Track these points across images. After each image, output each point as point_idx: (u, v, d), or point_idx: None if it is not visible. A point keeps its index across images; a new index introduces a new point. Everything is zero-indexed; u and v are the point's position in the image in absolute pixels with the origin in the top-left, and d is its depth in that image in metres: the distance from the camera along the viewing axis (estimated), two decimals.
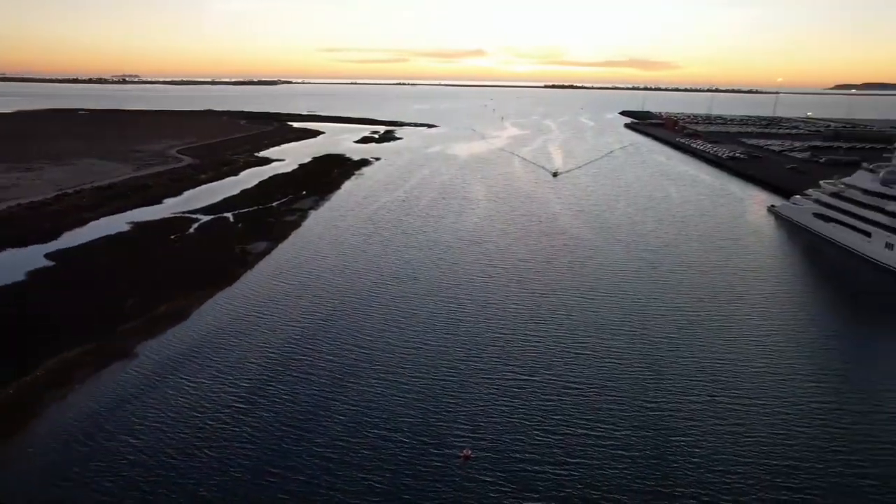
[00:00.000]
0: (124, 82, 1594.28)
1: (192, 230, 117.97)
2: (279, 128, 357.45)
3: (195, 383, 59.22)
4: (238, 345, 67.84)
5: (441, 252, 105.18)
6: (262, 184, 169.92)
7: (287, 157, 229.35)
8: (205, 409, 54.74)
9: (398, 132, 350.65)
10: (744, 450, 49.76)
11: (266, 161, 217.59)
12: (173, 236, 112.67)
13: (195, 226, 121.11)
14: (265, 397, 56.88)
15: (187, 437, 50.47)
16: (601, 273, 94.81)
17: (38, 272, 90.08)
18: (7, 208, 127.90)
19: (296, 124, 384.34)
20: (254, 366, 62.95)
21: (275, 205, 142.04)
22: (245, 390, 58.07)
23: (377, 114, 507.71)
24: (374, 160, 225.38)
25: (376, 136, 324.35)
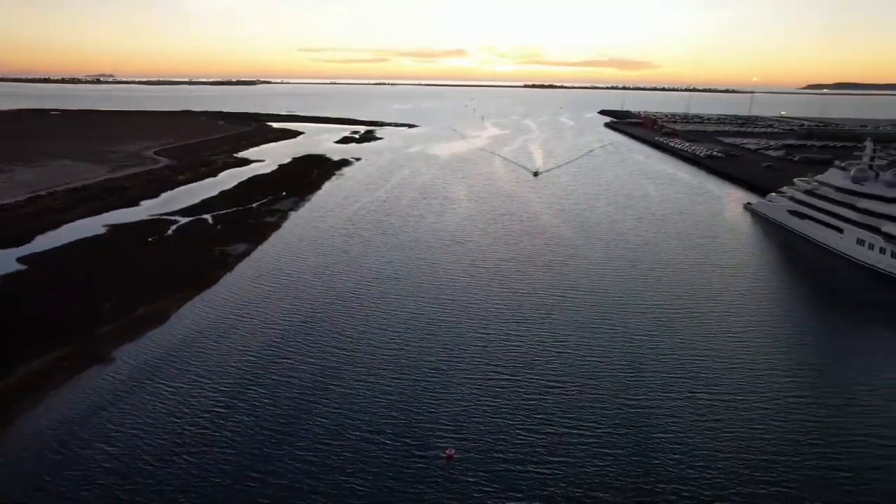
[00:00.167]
0: (98, 82, 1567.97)
1: (170, 232, 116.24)
2: (258, 128, 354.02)
3: (174, 388, 58.31)
4: (218, 348, 66.96)
5: (422, 252, 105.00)
6: (242, 185, 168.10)
7: (266, 157, 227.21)
8: (183, 414, 53.91)
9: (379, 132, 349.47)
10: (723, 445, 50.42)
11: (245, 162, 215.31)
12: (151, 238, 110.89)
13: (173, 228, 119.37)
14: (245, 401, 56.20)
15: (165, 443, 49.64)
16: (582, 272, 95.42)
17: (11, 276, 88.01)
18: None
19: (275, 125, 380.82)
20: (234, 369, 62.18)
21: (254, 206, 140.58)
22: (225, 394, 57.32)
23: (358, 114, 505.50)
24: (355, 160, 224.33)
25: (357, 136, 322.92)
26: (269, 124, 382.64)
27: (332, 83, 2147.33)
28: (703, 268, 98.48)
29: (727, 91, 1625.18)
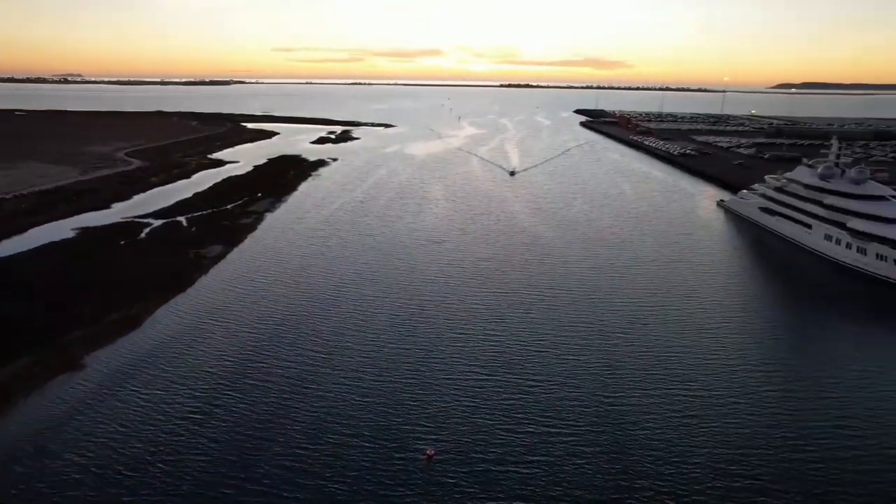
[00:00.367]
0: (66, 82, 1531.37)
1: (143, 235, 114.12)
2: (233, 129, 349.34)
3: (148, 394, 57.23)
4: (193, 352, 65.92)
5: (400, 253, 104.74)
6: (216, 186, 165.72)
7: (241, 158, 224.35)
8: (158, 420, 52.94)
9: (355, 132, 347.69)
10: (698, 439, 51.24)
11: (219, 163, 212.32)
12: (123, 242, 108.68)
13: (146, 230, 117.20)
14: (221, 406, 55.41)
15: (139, 451, 48.64)
16: (559, 270, 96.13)
17: None
18: None
19: (250, 125, 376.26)
20: (210, 374, 61.27)
21: (229, 207, 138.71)
22: (200, 400, 56.44)
23: (334, 114, 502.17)
24: (331, 161, 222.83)
25: (333, 136, 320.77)
26: (244, 125, 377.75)
27: (307, 83, 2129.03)
28: (678, 265, 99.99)
29: (700, 90, 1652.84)
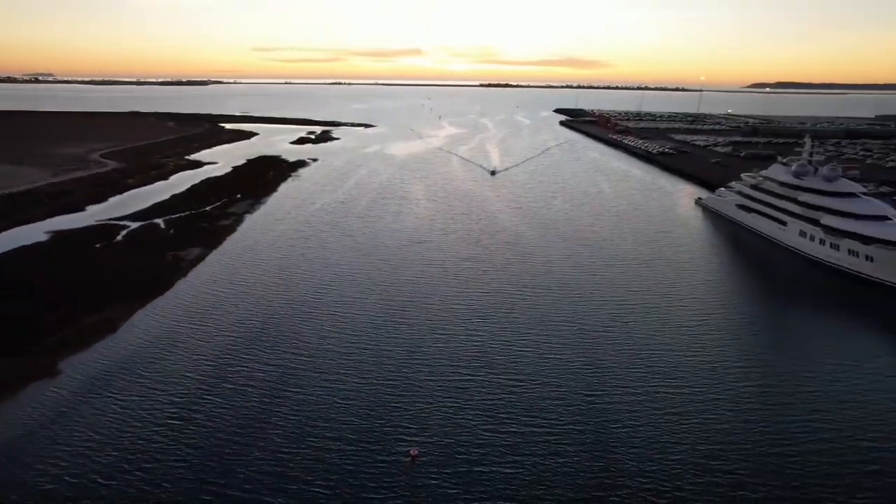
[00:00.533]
0: (37, 81, 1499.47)
1: (119, 238, 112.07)
2: (211, 129, 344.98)
3: (125, 400, 56.18)
4: (172, 357, 64.89)
5: (381, 253, 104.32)
6: (195, 188, 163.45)
7: (220, 159, 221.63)
8: (135, 427, 51.97)
9: (335, 132, 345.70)
10: (679, 436, 51.79)
11: (198, 164, 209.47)
12: (99, 245, 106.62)
13: (123, 233, 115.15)
14: (201, 412, 54.61)
15: (116, 459, 47.69)
16: (540, 269, 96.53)
17: None
18: None
19: (228, 125, 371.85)
20: (189, 379, 60.35)
21: (208, 209, 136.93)
22: (179, 405, 55.57)
23: (313, 114, 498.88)
24: (311, 161, 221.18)
25: (313, 136, 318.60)
26: (222, 125, 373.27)
27: (286, 83, 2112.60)
28: (658, 263, 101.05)
29: (677, 90, 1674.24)
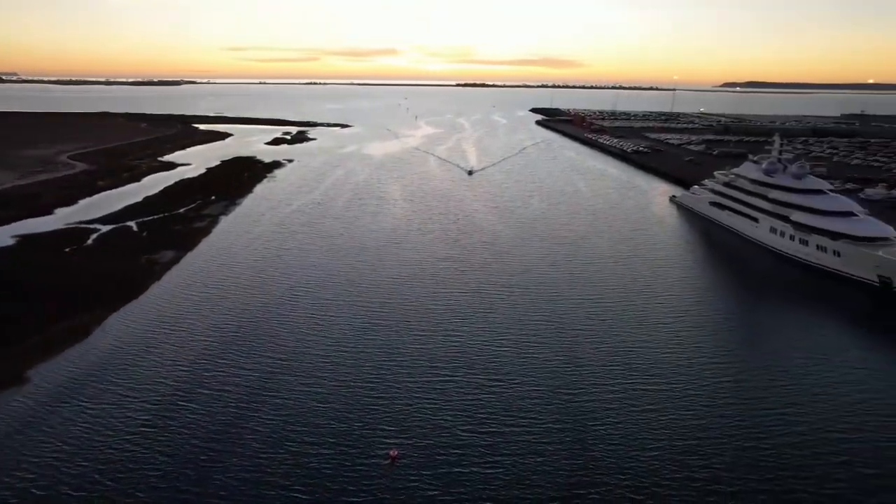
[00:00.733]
0: (0, 81, 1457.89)
1: (90, 241, 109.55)
2: (184, 130, 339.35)
3: (97, 408, 54.89)
4: (145, 362, 63.61)
5: (358, 254, 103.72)
6: (168, 190, 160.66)
7: (194, 160, 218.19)
8: (107, 436, 50.77)
9: (311, 133, 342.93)
10: (657, 431, 52.40)
11: (171, 166, 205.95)
12: (69, 248, 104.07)
13: (94, 236, 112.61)
14: (176, 418, 53.61)
15: (86, 469, 46.47)
16: (518, 268, 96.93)
17: None
18: None
19: (202, 126, 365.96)
20: (163, 385, 59.22)
21: (182, 211, 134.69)
22: (153, 412, 54.48)
23: (289, 114, 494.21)
24: (287, 162, 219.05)
25: (288, 136, 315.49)
26: (196, 126, 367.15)
27: (261, 83, 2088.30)
28: (634, 260, 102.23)
29: (651, 89, 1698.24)
